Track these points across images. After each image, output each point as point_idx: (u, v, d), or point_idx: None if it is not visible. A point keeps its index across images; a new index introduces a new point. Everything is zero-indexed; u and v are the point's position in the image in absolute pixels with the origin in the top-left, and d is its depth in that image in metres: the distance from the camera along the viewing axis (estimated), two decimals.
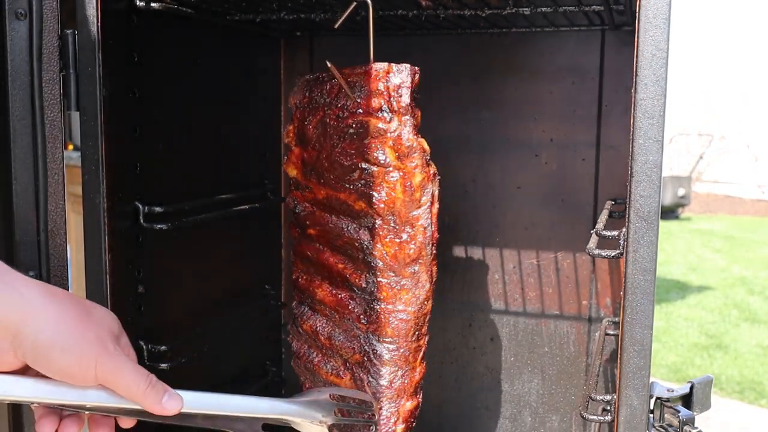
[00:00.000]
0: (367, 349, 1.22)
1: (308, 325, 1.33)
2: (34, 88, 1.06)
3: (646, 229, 0.90)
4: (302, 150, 1.27)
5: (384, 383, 1.21)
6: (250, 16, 1.34)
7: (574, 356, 1.56)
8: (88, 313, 0.78)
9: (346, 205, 1.20)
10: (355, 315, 1.23)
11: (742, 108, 14.71)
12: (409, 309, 1.17)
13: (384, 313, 1.18)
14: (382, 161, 1.13)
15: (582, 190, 1.51)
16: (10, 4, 1.05)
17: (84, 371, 0.75)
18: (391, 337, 1.19)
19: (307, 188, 1.27)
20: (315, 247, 1.30)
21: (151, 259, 1.23)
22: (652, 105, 0.89)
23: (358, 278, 1.21)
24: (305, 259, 1.32)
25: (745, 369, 4.65)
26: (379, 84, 1.12)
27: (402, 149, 1.12)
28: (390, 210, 1.15)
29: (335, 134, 1.19)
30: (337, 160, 1.19)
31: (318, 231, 1.28)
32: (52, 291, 0.78)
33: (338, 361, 1.29)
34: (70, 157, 3.57)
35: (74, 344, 0.74)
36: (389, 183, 1.14)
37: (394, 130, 1.12)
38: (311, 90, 1.23)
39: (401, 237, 1.15)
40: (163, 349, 1.22)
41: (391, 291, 1.18)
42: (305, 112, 1.25)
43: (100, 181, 1.08)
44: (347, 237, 1.21)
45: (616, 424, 0.95)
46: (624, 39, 1.44)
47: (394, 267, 1.16)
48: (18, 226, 1.09)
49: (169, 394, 0.80)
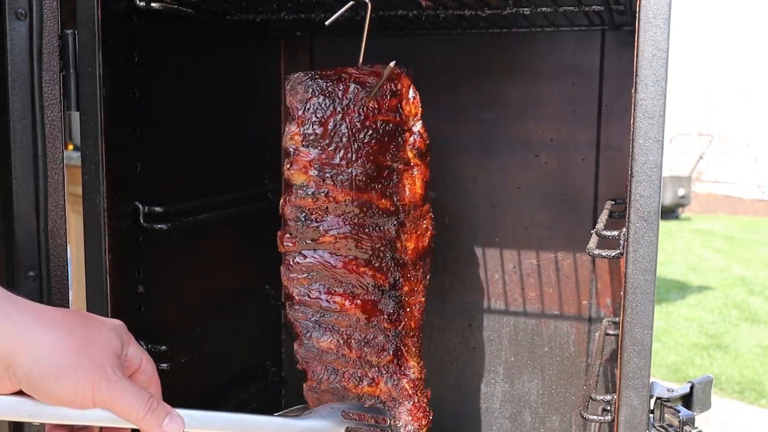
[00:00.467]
0: (398, 346, 1.22)
1: (326, 343, 1.24)
2: (34, 88, 1.06)
3: (646, 229, 0.90)
4: (314, 153, 1.20)
5: (416, 375, 1.24)
6: (250, 16, 1.34)
7: (574, 356, 1.56)
8: (85, 336, 0.76)
9: (369, 205, 1.19)
10: (384, 315, 1.21)
11: (742, 108, 14.70)
12: (423, 299, 1.23)
13: (410, 307, 1.22)
14: (408, 159, 1.17)
15: (582, 190, 1.51)
16: (10, 4, 1.05)
17: (81, 398, 0.74)
18: (416, 329, 1.23)
19: (322, 193, 1.19)
20: (328, 256, 1.21)
21: (151, 259, 1.23)
22: (652, 105, 0.89)
23: (383, 277, 1.20)
24: (312, 273, 1.23)
25: (745, 369, 4.65)
26: (398, 84, 1.15)
27: (422, 146, 1.18)
28: (412, 205, 1.19)
29: (360, 134, 1.17)
30: (363, 160, 1.18)
31: (335, 238, 1.20)
32: (49, 316, 0.76)
33: (367, 369, 1.24)
34: (70, 157, 3.57)
35: (70, 373, 0.73)
36: (411, 179, 1.17)
37: (416, 128, 1.17)
38: (320, 89, 1.18)
39: (419, 230, 1.20)
40: (163, 349, 1.22)
41: (414, 284, 1.21)
42: (313, 112, 1.18)
43: (100, 181, 1.08)
44: (374, 237, 1.19)
45: (616, 424, 0.94)
46: (624, 39, 1.44)
47: (414, 260, 1.20)
48: (18, 226, 1.09)
49: (170, 417, 0.78)
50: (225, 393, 1.48)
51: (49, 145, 1.08)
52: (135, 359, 0.82)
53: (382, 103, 1.16)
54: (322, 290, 1.23)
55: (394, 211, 1.18)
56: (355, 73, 1.16)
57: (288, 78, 1.20)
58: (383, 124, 1.16)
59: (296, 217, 1.20)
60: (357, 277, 1.21)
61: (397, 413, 1.24)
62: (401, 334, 1.22)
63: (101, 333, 0.79)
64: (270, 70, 1.61)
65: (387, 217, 1.18)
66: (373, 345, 1.23)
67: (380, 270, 1.20)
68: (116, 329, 0.81)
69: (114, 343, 0.79)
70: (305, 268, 1.23)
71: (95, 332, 0.78)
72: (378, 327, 1.22)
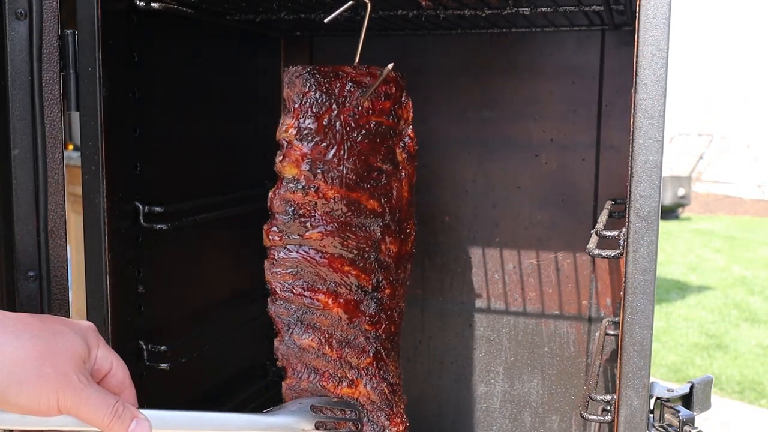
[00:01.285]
0: (378, 349, 1.22)
1: (307, 340, 1.24)
2: (34, 88, 1.06)
3: (646, 229, 0.90)
4: (307, 147, 1.19)
5: (395, 380, 1.24)
6: (250, 16, 1.34)
7: (574, 356, 1.56)
8: (49, 342, 0.76)
9: (357, 204, 1.19)
10: (365, 317, 1.21)
11: (742, 108, 14.70)
12: (402, 304, 1.25)
13: (391, 310, 1.22)
14: (397, 162, 1.18)
15: (582, 190, 1.51)
16: (10, 4, 1.05)
17: (45, 407, 0.74)
18: (395, 333, 1.23)
19: (312, 188, 1.19)
20: (314, 252, 1.21)
21: (151, 259, 1.23)
22: (652, 105, 0.89)
23: (366, 278, 1.20)
24: (296, 268, 1.22)
25: (745, 369, 4.65)
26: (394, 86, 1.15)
27: (412, 150, 1.19)
28: (398, 208, 1.19)
29: (353, 133, 1.17)
30: (354, 159, 1.17)
31: (321, 234, 1.20)
32: (10, 324, 0.76)
33: (347, 370, 1.24)
34: (70, 157, 3.57)
35: (32, 383, 0.73)
36: (399, 182, 1.18)
37: (407, 132, 1.18)
38: (317, 84, 1.17)
39: (403, 234, 1.21)
40: (163, 349, 1.22)
41: (396, 288, 1.22)
42: (310, 106, 1.17)
43: (100, 181, 1.08)
44: (360, 237, 1.19)
45: (616, 424, 0.94)
46: (624, 39, 1.44)
47: (398, 263, 1.21)
48: (18, 226, 1.09)
49: (137, 422, 0.79)
50: (225, 393, 1.48)
51: (49, 145, 1.08)
52: (105, 363, 0.82)
53: (376, 105, 1.16)
54: (305, 287, 1.22)
55: (380, 213, 1.18)
56: (352, 72, 1.16)
57: (287, 70, 1.18)
58: (376, 125, 1.16)
59: (284, 211, 1.19)
60: (341, 276, 1.20)
61: (375, 417, 1.23)
62: (381, 337, 1.22)
63: (66, 338, 0.78)
64: (270, 70, 1.61)
65: (374, 217, 1.19)
66: (353, 346, 1.22)
67: (364, 270, 1.20)
68: (83, 333, 0.81)
69: (79, 349, 0.79)
70: (290, 264, 1.21)
71: (59, 338, 0.78)
72: (359, 328, 1.22)
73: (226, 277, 1.48)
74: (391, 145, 1.18)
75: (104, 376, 0.82)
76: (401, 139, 1.19)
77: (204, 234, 1.37)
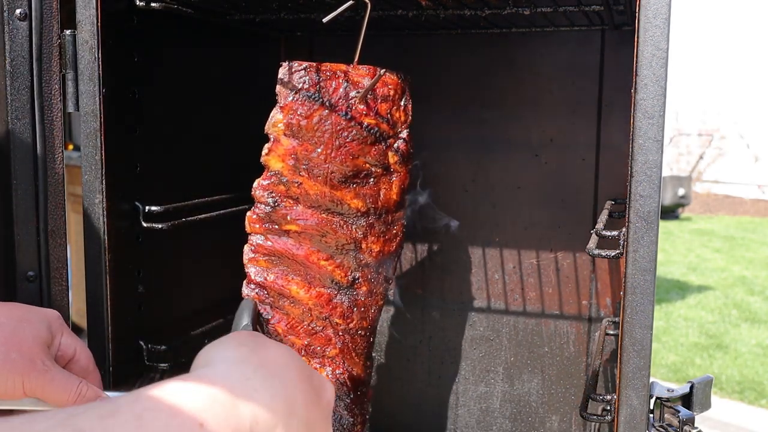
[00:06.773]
0: (346, 342, 1.22)
1: (277, 327, 1.25)
2: (34, 88, 1.06)
3: (646, 229, 0.90)
4: (294, 143, 1.19)
5: (358, 373, 1.25)
6: (250, 16, 1.34)
7: (574, 356, 1.56)
8: (15, 329, 0.80)
9: (340, 203, 1.19)
10: (337, 311, 1.23)
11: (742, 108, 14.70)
12: (381, 302, 1.25)
13: (365, 307, 1.23)
14: (388, 164, 1.16)
15: (582, 190, 1.51)
16: (10, 4, 1.05)
17: (12, 390, 0.77)
18: (368, 329, 1.23)
19: (295, 183, 1.19)
20: (291, 243, 1.22)
21: (151, 259, 1.23)
22: (652, 105, 0.89)
23: (342, 274, 1.21)
24: (273, 257, 1.23)
25: (745, 369, 4.65)
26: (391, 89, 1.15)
27: (406, 153, 1.18)
28: (384, 209, 1.18)
29: (343, 133, 1.16)
30: (341, 158, 1.17)
31: (301, 227, 1.21)
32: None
33: (311, 358, 1.26)
34: (70, 157, 3.57)
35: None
36: (388, 185, 1.17)
37: (402, 135, 1.17)
38: (311, 81, 1.16)
39: (388, 235, 1.21)
40: (163, 349, 1.22)
41: (374, 286, 1.22)
42: (300, 103, 1.17)
43: (100, 181, 1.08)
44: (340, 234, 1.20)
45: (616, 424, 0.94)
46: (624, 39, 1.44)
47: (379, 262, 1.20)
48: (18, 226, 1.09)
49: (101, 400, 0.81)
50: None
51: (49, 145, 1.08)
52: (68, 349, 0.86)
53: (371, 106, 1.15)
54: (279, 275, 1.23)
55: (364, 212, 1.18)
56: (349, 72, 1.16)
57: (282, 65, 1.18)
58: (369, 127, 1.16)
59: (266, 201, 1.20)
60: (317, 269, 1.21)
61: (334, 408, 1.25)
62: (351, 330, 1.23)
63: (31, 325, 0.82)
64: (270, 70, 1.61)
65: (356, 217, 1.18)
66: (321, 336, 1.24)
67: (341, 266, 1.20)
68: (48, 320, 0.85)
69: (43, 334, 0.83)
70: (267, 251, 1.22)
71: (25, 324, 0.82)
72: (329, 320, 1.23)
73: (226, 276, 1.48)
74: (383, 148, 1.17)
75: (68, 361, 0.86)
76: (396, 142, 1.18)
77: (204, 234, 1.37)
